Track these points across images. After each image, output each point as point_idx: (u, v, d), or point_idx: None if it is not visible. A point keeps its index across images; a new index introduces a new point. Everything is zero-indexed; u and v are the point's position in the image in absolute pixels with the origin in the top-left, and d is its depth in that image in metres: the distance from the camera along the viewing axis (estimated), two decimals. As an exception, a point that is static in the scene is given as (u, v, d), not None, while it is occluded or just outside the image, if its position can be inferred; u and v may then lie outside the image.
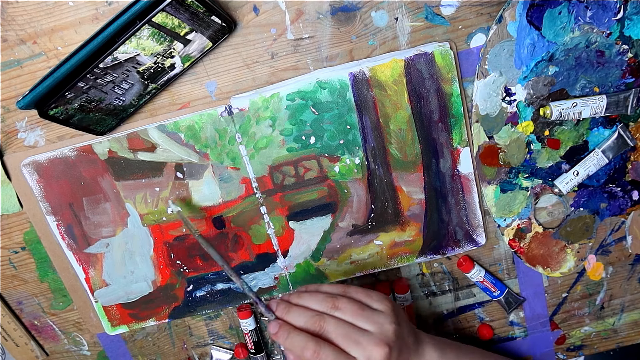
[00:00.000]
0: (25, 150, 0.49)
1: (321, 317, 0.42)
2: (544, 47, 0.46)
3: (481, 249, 0.55)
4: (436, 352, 0.47)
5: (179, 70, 0.45)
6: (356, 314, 0.42)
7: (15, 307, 0.56)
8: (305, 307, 0.44)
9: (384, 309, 0.44)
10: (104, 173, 0.49)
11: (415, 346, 0.45)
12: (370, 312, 0.43)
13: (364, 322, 0.42)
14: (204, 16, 0.40)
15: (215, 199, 0.51)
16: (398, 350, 0.42)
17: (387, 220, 0.52)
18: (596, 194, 0.52)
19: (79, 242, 0.52)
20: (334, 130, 0.49)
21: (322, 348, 0.40)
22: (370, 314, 0.43)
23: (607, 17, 0.45)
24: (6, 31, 0.44)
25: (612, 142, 0.50)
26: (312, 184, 0.51)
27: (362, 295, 0.45)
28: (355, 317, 0.42)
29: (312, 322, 0.42)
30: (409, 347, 0.44)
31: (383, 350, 0.41)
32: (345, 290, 0.45)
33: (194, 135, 0.48)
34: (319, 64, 0.47)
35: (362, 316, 0.42)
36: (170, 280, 0.54)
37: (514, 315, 0.59)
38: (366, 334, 0.42)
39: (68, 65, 0.39)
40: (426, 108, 0.48)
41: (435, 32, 0.46)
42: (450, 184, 0.51)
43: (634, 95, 0.48)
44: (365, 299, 0.44)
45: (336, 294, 0.45)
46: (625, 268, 0.57)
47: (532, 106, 0.48)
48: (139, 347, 0.59)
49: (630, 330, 0.60)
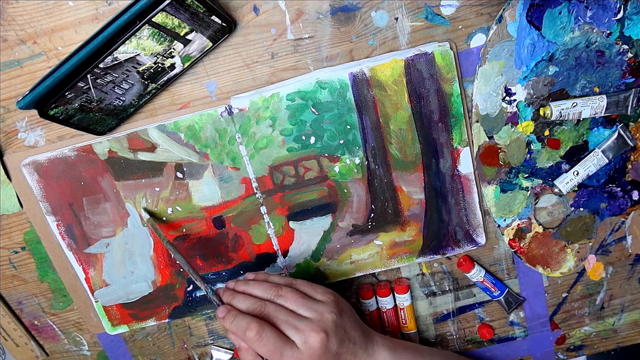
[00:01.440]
0: (25, 150, 0.49)
1: (264, 303, 0.44)
2: (544, 47, 0.46)
3: (481, 249, 0.55)
4: (388, 352, 0.48)
5: (179, 70, 0.45)
6: (298, 302, 0.45)
7: (15, 307, 0.56)
8: (250, 294, 0.46)
9: (326, 300, 0.46)
10: (104, 173, 0.49)
11: (364, 344, 0.47)
12: (312, 301, 0.45)
13: (304, 310, 0.44)
14: (204, 16, 0.40)
15: (215, 199, 0.51)
16: (338, 340, 0.44)
17: (387, 220, 0.52)
18: (596, 194, 0.52)
19: (79, 242, 0.52)
20: (334, 130, 0.49)
21: (265, 329, 0.42)
22: (312, 303, 0.45)
23: (607, 17, 0.45)
24: (6, 31, 0.44)
25: (612, 142, 0.50)
26: (312, 184, 0.51)
27: (307, 287, 0.47)
28: (296, 305, 0.45)
29: (254, 307, 0.44)
30: (355, 343, 0.46)
31: (319, 335, 0.43)
32: (291, 282, 0.47)
33: (194, 135, 0.48)
34: (319, 64, 0.47)
35: (303, 305, 0.45)
36: (170, 280, 0.54)
37: (514, 315, 0.59)
38: (305, 320, 0.44)
39: (68, 65, 0.39)
40: (426, 108, 0.48)
41: (435, 32, 0.46)
42: (450, 184, 0.51)
43: (634, 95, 0.48)
44: (309, 291, 0.47)
45: (282, 284, 0.47)
46: (625, 268, 0.57)
47: (532, 106, 0.48)
48: (139, 347, 0.59)
49: (630, 330, 0.60)
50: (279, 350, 0.42)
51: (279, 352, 0.42)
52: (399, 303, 0.56)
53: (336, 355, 0.44)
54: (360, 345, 0.46)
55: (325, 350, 0.43)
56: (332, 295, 0.47)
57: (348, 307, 0.48)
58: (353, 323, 0.47)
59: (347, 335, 0.45)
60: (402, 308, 0.56)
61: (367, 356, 0.47)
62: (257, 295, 0.45)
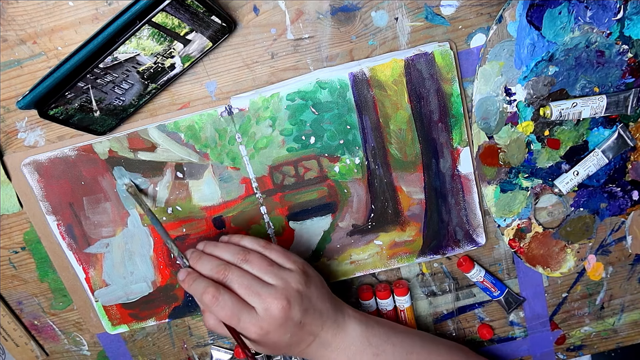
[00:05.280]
0: (25, 150, 0.49)
1: (227, 267, 0.43)
2: (544, 47, 0.46)
3: (481, 249, 0.55)
4: (360, 325, 0.47)
5: (179, 70, 0.45)
6: (263, 269, 0.44)
7: (15, 307, 0.56)
8: (216, 256, 0.45)
9: (294, 269, 0.45)
10: (104, 173, 0.49)
11: (334, 316, 0.46)
12: (278, 269, 0.44)
13: (269, 277, 0.43)
14: (204, 16, 0.40)
15: (215, 199, 0.51)
16: (301, 310, 0.43)
17: (387, 220, 0.52)
18: (596, 194, 0.52)
19: (79, 242, 0.52)
20: (334, 130, 0.49)
21: (222, 294, 0.42)
22: (278, 271, 0.44)
23: (607, 17, 0.45)
24: (6, 31, 0.44)
25: (612, 142, 0.50)
26: (312, 184, 0.51)
27: (280, 254, 0.46)
28: (262, 271, 0.44)
29: (217, 270, 0.43)
30: (321, 313, 0.45)
31: (281, 303, 0.42)
32: (264, 247, 0.46)
33: (194, 135, 0.48)
34: (319, 64, 0.47)
35: (269, 272, 0.44)
36: (170, 280, 0.54)
37: (514, 315, 0.59)
38: (268, 286, 0.43)
39: (68, 65, 0.39)
40: (426, 108, 0.48)
41: (435, 32, 0.46)
42: (450, 184, 0.51)
43: (634, 95, 0.48)
44: (279, 258, 0.46)
45: (252, 249, 0.46)
46: (625, 268, 0.57)
47: (532, 106, 0.48)
48: (139, 347, 0.59)
49: (630, 330, 0.60)
50: (236, 315, 0.42)
51: (236, 316, 0.42)
52: (399, 305, 0.56)
53: (299, 325, 0.43)
54: (329, 317, 0.46)
55: (287, 319, 0.42)
56: (302, 265, 0.46)
57: (318, 277, 0.47)
58: (322, 294, 0.46)
59: (313, 306, 0.44)
60: (402, 310, 0.56)
61: (336, 327, 0.46)
62: (223, 258, 0.44)
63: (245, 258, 0.44)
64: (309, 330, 0.45)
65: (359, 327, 0.47)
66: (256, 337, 0.43)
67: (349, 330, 0.47)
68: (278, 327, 0.42)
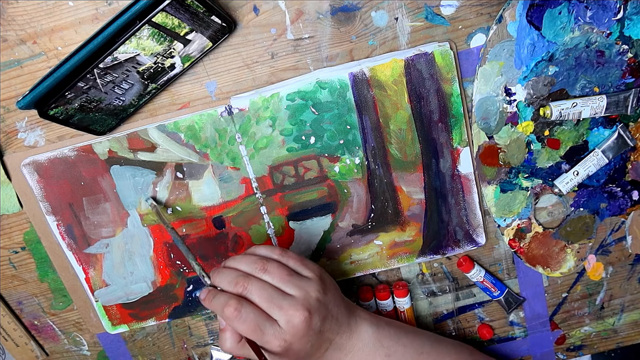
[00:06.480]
0: (25, 150, 0.49)
1: (246, 278, 0.42)
2: (544, 47, 0.46)
3: (481, 249, 0.55)
4: (372, 327, 0.47)
5: (179, 70, 0.45)
6: (283, 279, 0.43)
7: (15, 307, 0.56)
8: (235, 268, 0.44)
9: (312, 277, 0.45)
10: (104, 173, 0.49)
11: (347, 320, 0.46)
12: (297, 278, 0.44)
13: (289, 287, 0.43)
14: (204, 16, 0.40)
15: (215, 199, 0.51)
16: (321, 318, 0.43)
17: (387, 220, 0.52)
18: (596, 194, 0.52)
19: (79, 242, 0.52)
20: (334, 130, 0.49)
21: (244, 306, 0.41)
22: (297, 280, 0.43)
23: (607, 17, 0.45)
24: (6, 31, 0.44)
25: (612, 142, 0.50)
26: (312, 184, 0.51)
27: (296, 262, 0.45)
28: (281, 281, 0.43)
29: (236, 282, 0.42)
30: (337, 319, 0.45)
31: (303, 314, 0.41)
32: (281, 254, 0.46)
33: (194, 135, 0.48)
34: (319, 64, 0.47)
35: (288, 281, 0.43)
36: (170, 280, 0.54)
37: (514, 315, 0.59)
38: (289, 298, 0.42)
39: (68, 65, 0.39)
40: (426, 108, 0.48)
41: (435, 32, 0.46)
42: (450, 184, 0.51)
43: (634, 95, 0.48)
44: (296, 266, 0.45)
45: (269, 257, 0.45)
46: (625, 268, 0.57)
47: (532, 106, 0.48)
48: (139, 347, 0.59)
49: (630, 330, 0.60)
50: (259, 327, 0.41)
51: (259, 329, 0.41)
52: (399, 306, 0.56)
53: (319, 333, 0.43)
54: (343, 322, 0.46)
55: (309, 329, 0.42)
56: (319, 272, 0.46)
57: (333, 283, 0.47)
58: (337, 299, 0.46)
59: (330, 312, 0.44)
60: (402, 311, 0.56)
61: (349, 332, 0.46)
62: (242, 270, 0.44)
63: (264, 268, 0.43)
64: (327, 336, 0.44)
65: (370, 329, 0.47)
66: (279, 350, 0.42)
67: (362, 333, 0.47)
68: (300, 338, 0.42)
